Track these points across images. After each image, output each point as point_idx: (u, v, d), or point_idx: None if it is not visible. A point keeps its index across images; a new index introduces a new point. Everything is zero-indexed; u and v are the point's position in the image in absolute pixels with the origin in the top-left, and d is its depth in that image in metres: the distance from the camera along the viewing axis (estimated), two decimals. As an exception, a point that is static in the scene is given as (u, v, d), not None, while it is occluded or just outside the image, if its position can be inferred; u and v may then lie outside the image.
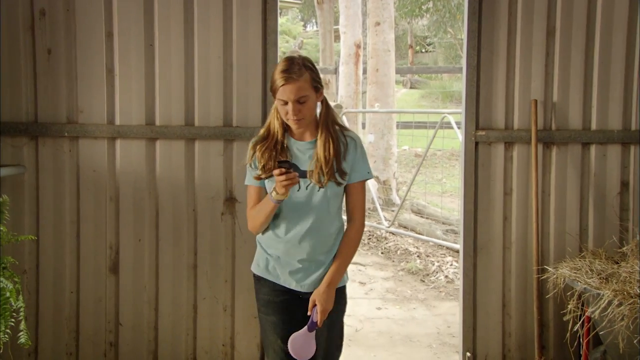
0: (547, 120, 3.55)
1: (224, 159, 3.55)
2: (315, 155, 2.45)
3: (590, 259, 3.23)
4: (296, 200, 2.48)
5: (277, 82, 2.38)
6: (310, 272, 2.52)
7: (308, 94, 2.39)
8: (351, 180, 2.51)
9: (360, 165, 2.51)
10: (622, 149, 3.53)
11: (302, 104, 2.38)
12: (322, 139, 2.45)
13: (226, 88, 3.53)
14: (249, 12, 3.49)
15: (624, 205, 3.54)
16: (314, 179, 2.44)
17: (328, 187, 2.45)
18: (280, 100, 2.39)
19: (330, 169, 2.43)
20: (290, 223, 2.50)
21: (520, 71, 3.53)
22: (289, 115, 2.40)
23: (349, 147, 2.50)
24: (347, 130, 2.56)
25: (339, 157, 2.46)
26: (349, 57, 9.27)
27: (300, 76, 2.37)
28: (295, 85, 2.36)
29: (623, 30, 3.47)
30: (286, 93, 2.36)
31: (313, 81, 2.42)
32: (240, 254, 3.59)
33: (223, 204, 3.57)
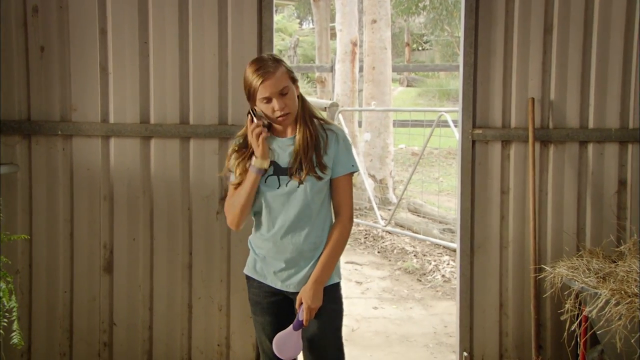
0: (544, 118, 3.56)
1: (219, 157, 3.54)
2: (295, 151, 2.44)
3: (587, 258, 3.24)
4: (277, 197, 2.46)
5: (254, 83, 2.37)
6: (295, 271, 2.50)
7: (288, 85, 2.38)
8: (335, 175, 2.47)
9: (344, 158, 2.48)
10: (620, 147, 3.54)
11: (285, 95, 2.37)
12: (301, 133, 2.44)
13: (221, 86, 3.53)
14: (244, 10, 3.49)
15: (622, 204, 3.55)
16: (292, 174, 2.43)
17: (308, 182, 2.42)
18: (263, 99, 2.37)
19: (309, 163, 2.41)
20: (273, 220, 2.48)
21: (517, 69, 3.53)
22: (276, 110, 2.37)
23: (330, 140, 2.46)
24: (328, 123, 2.54)
25: (319, 151, 2.43)
26: (345, 55, 9.26)
27: (276, 69, 2.37)
28: (274, 79, 2.35)
29: (620, 27, 3.48)
30: (268, 88, 2.35)
31: (289, 72, 2.42)
32: (235, 254, 3.58)
33: (218, 203, 3.56)
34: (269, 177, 2.46)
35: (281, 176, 2.44)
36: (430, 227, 7.37)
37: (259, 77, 2.35)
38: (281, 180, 2.45)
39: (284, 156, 2.46)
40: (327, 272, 2.47)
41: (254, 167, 2.41)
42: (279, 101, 2.36)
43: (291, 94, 2.39)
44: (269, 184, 2.46)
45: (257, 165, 2.41)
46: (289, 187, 2.44)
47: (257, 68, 2.37)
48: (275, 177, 2.45)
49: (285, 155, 2.46)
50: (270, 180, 2.46)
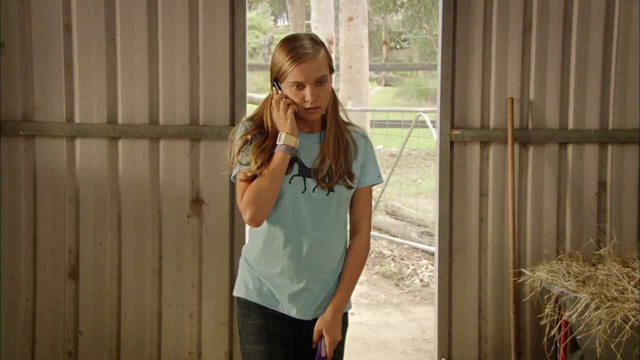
0: (523, 119, 3.59)
1: (190, 159, 3.52)
2: (322, 152, 2.17)
3: (567, 262, 3.27)
4: (302, 204, 2.16)
5: (287, 63, 2.07)
6: (315, 296, 2.21)
7: (326, 73, 2.12)
8: (360, 185, 2.24)
9: (371, 167, 2.26)
10: (600, 148, 3.59)
11: (321, 86, 2.10)
12: (332, 133, 2.18)
13: (192, 85, 3.50)
14: (216, 6, 3.47)
15: (602, 206, 3.60)
16: (320, 180, 2.16)
17: (337, 191, 2.17)
18: (294, 84, 2.08)
19: (340, 169, 2.17)
20: (293, 233, 2.16)
21: (496, 68, 3.56)
22: (307, 100, 2.09)
23: (359, 145, 2.24)
24: (352, 125, 2.30)
25: (348, 156, 2.20)
26: (321, 53, 9.26)
27: (317, 53, 2.09)
28: (314, 63, 2.07)
29: (600, 26, 3.53)
30: (304, 73, 2.06)
31: (329, 59, 2.15)
32: (207, 258, 3.56)
33: (189, 206, 3.54)
34: (294, 178, 2.16)
35: (307, 178, 2.17)
36: (408, 230, 7.40)
37: (294, 58, 2.06)
38: (307, 183, 2.17)
39: (310, 155, 2.19)
40: (347, 297, 2.25)
41: (283, 145, 2.09)
42: (313, 90, 2.09)
43: (327, 85, 2.12)
44: (294, 185, 2.16)
45: (287, 142, 2.10)
46: (317, 194, 2.17)
47: (294, 47, 2.08)
48: (301, 178, 2.17)
49: (311, 154, 2.19)
50: (296, 182, 2.16)
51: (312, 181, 2.16)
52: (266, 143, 2.14)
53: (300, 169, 2.16)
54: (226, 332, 3.59)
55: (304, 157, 2.18)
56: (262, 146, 2.13)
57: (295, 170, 2.15)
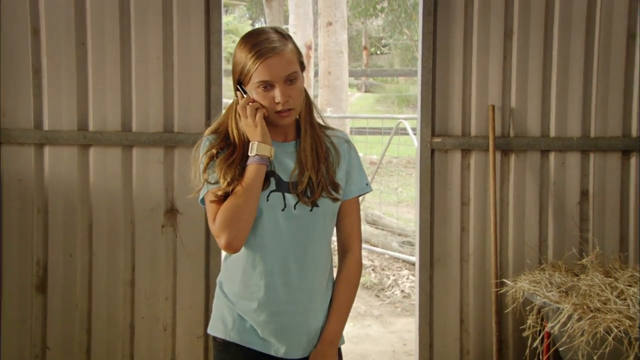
0: (505, 126, 3.62)
1: (164, 167, 3.49)
2: (299, 163, 1.95)
3: (549, 272, 3.29)
4: (281, 224, 1.93)
5: (250, 61, 1.85)
6: (305, 329, 1.98)
7: (297, 70, 1.89)
8: (346, 196, 2.01)
9: (357, 174, 2.04)
10: (582, 156, 3.62)
11: (292, 84, 1.87)
12: (308, 140, 1.96)
13: (166, 91, 3.48)
14: (191, 10, 3.45)
15: (584, 215, 3.63)
16: (301, 194, 1.93)
17: (322, 206, 1.94)
18: (260, 85, 1.86)
19: (322, 179, 1.94)
20: (276, 258, 1.93)
21: (477, 75, 3.59)
22: (277, 102, 1.87)
23: (341, 151, 2.02)
24: (332, 129, 2.08)
25: (329, 164, 1.98)
26: (299, 58, 9.28)
27: (284, 46, 1.87)
28: (282, 58, 1.85)
29: (581, 33, 3.57)
30: (271, 70, 1.84)
31: (299, 54, 1.94)
32: (182, 270, 3.53)
33: (164, 216, 3.51)
34: (272, 194, 1.93)
35: (286, 194, 1.93)
36: (389, 239, 7.41)
37: (258, 54, 1.84)
38: (287, 200, 1.92)
39: (286, 167, 1.96)
40: (341, 327, 2.02)
41: (256, 156, 1.87)
42: (283, 90, 1.86)
43: (299, 83, 1.90)
44: (273, 203, 1.92)
45: (260, 152, 1.87)
46: (299, 210, 1.93)
47: (258, 42, 1.86)
48: (280, 194, 1.93)
49: (288, 165, 1.96)
50: (274, 199, 1.93)
51: (293, 196, 1.92)
52: (234, 156, 1.90)
53: (278, 183, 1.93)
54: (201, 345, 3.56)
55: (280, 169, 1.95)
56: (230, 160, 1.89)
57: (272, 185, 1.92)
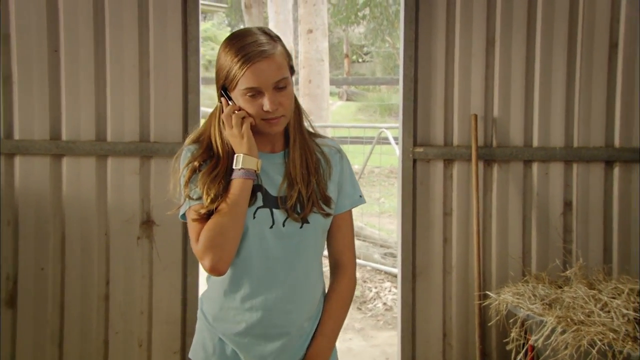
0: (487, 136, 3.65)
1: (140, 177, 3.47)
2: (288, 175, 1.85)
3: (533, 284, 3.31)
4: (268, 244, 1.82)
5: (238, 65, 1.73)
6: (290, 353, 1.87)
7: (287, 75, 1.79)
8: (339, 209, 1.92)
9: (349, 186, 1.95)
10: (565, 167, 3.66)
11: (282, 90, 1.77)
12: (298, 150, 1.86)
13: (142, 100, 3.47)
14: (168, 16, 3.45)
15: (567, 226, 3.66)
16: (291, 210, 1.82)
17: (313, 222, 1.84)
18: (247, 92, 1.75)
19: (312, 193, 1.84)
20: (262, 280, 1.82)
21: (459, 83, 3.61)
22: (266, 110, 1.76)
23: (332, 162, 1.93)
24: (321, 137, 1.99)
25: (321, 176, 1.89)
26: (280, 66, 9.28)
27: (274, 49, 1.76)
28: (272, 62, 1.74)
29: (564, 41, 3.61)
30: (260, 76, 1.73)
31: (289, 57, 1.83)
32: (158, 283, 3.51)
33: (139, 228, 3.49)
34: (259, 210, 1.81)
35: (274, 210, 1.82)
36: (371, 251, 7.41)
37: (245, 58, 1.72)
38: (275, 216, 1.82)
39: (274, 180, 1.85)
40: (331, 347, 1.93)
41: (242, 170, 1.76)
42: (272, 97, 1.75)
43: (289, 90, 1.80)
44: (260, 220, 1.81)
45: (247, 165, 1.76)
46: (288, 228, 1.82)
47: (244, 45, 1.74)
48: (267, 210, 1.82)
49: (276, 179, 1.86)
50: (262, 215, 1.81)
51: (281, 212, 1.81)
52: (218, 169, 1.79)
53: (265, 198, 1.81)
54: (178, 363, 3.53)
55: (268, 183, 1.84)
56: (214, 173, 1.78)
57: (259, 201, 1.81)
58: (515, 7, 3.58)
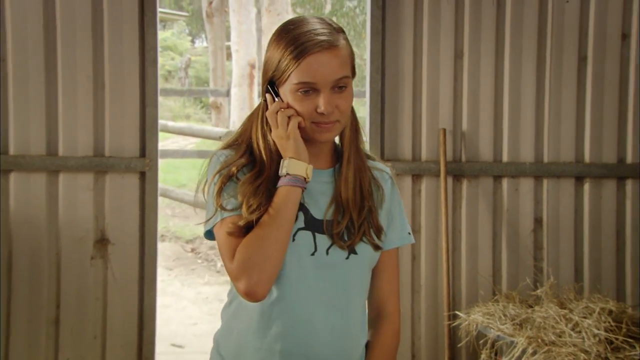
0: (456, 151, 3.68)
1: (94, 194, 3.43)
2: (337, 197, 1.62)
3: (503, 303, 3.33)
4: (308, 273, 1.57)
5: (291, 55, 1.52)
6: None
7: (349, 74, 1.58)
8: (387, 245, 1.69)
9: (399, 219, 1.74)
10: (535, 182, 3.70)
11: (341, 91, 1.55)
12: (352, 169, 1.63)
13: (97, 112, 3.43)
14: (124, 26, 3.42)
15: (538, 243, 3.70)
16: (337, 236, 1.59)
17: (360, 252, 1.61)
18: (302, 86, 1.52)
19: (364, 220, 1.62)
20: (298, 316, 1.58)
21: (427, 97, 3.64)
22: (320, 111, 1.54)
23: (386, 188, 1.72)
24: (372, 157, 1.76)
25: (373, 203, 1.67)
26: (242, 78, 9.28)
27: (336, 40, 1.55)
28: (333, 55, 1.53)
29: (533, 55, 3.66)
30: (317, 69, 1.51)
31: (352, 56, 1.61)
32: (113, 305, 3.45)
33: (93, 247, 3.43)
34: (300, 232, 1.58)
35: (318, 234, 1.59)
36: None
37: (303, 47, 1.51)
38: (318, 242, 1.59)
39: (319, 201, 1.62)
40: None
41: (289, 176, 1.54)
42: (329, 98, 1.53)
43: (349, 93, 1.58)
44: (300, 243, 1.57)
45: (294, 171, 1.54)
46: (332, 256, 1.59)
47: (301, 33, 1.53)
48: (310, 233, 1.59)
49: (321, 200, 1.62)
50: (302, 239, 1.58)
51: (326, 238, 1.59)
52: (262, 177, 1.57)
53: (308, 220, 1.59)
54: (133, 388, 3.47)
55: (311, 204, 1.61)
56: (257, 182, 1.56)
57: (300, 221, 1.58)
58: (483, 19, 3.63)
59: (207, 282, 6.70)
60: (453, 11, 3.63)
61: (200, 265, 7.34)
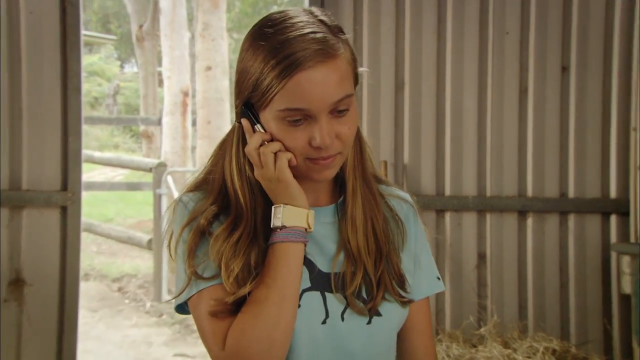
0: (398, 184, 3.71)
1: (9, 231, 3.36)
2: (345, 242, 1.32)
3: (447, 343, 3.37)
4: (321, 347, 1.28)
5: (279, 69, 1.19)
6: None
7: (352, 92, 1.26)
8: (416, 295, 1.37)
9: (426, 261, 1.43)
10: (478, 217, 3.77)
11: (342, 115, 1.24)
12: (358, 205, 1.34)
13: (14, 143, 3.37)
14: (44, 50, 3.38)
15: (482, 280, 3.75)
16: (352, 296, 1.29)
17: (385, 312, 1.31)
18: (290, 113, 1.22)
19: (383, 270, 1.32)
20: None
21: (367, 128, 3.67)
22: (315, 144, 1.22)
23: (407, 223, 1.42)
24: (387, 183, 1.48)
25: (392, 245, 1.36)
26: (174, 106, 9.21)
27: (336, 48, 1.23)
28: (332, 69, 1.21)
29: (474, 87, 3.74)
30: (313, 91, 1.20)
31: (354, 63, 1.28)
32: (27, 351, 3.37)
33: (7, 288, 3.35)
34: (306, 295, 1.28)
35: (327, 294, 1.29)
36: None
37: (289, 62, 1.19)
38: (330, 304, 1.29)
39: (324, 248, 1.33)
40: None
41: (286, 230, 1.24)
42: (327, 125, 1.22)
43: (352, 114, 1.26)
44: (307, 309, 1.27)
45: (291, 221, 1.25)
46: (349, 323, 1.29)
47: (288, 38, 1.20)
48: (317, 294, 1.29)
49: (327, 246, 1.33)
50: (309, 303, 1.28)
51: (338, 299, 1.29)
52: (241, 229, 1.27)
53: (314, 276, 1.30)
54: None
55: (315, 252, 1.32)
56: (234, 236, 1.26)
57: (304, 280, 1.28)
58: (424, 49, 3.71)
59: (135, 324, 6.57)
60: (393, 41, 3.70)
61: (127, 305, 7.19)
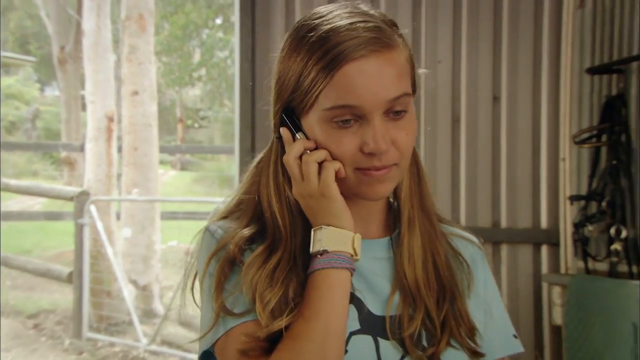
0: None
1: None
2: (402, 278, 1.20)
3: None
4: None
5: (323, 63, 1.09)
6: None
7: (411, 91, 1.15)
8: (490, 354, 1.24)
9: (500, 315, 1.30)
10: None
11: (399, 117, 1.13)
12: (416, 236, 1.22)
13: None
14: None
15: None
16: (410, 340, 1.16)
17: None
18: (338, 112, 1.10)
19: (447, 312, 1.19)
20: None
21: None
22: (368, 150, 1.11)
23: (474, 266, 1.30)
24: (448, 222, 1.37)
25: (459, 287, 1.24)
26: (98, 131, 9.13)
27: (391, 39, 1.12)
28: (387, 61, 1.10)
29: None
30: (365, 85, 1.08)
31: (412, 62, 1.17)
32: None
33: None
34: (354, 338, 1.15)
35: (380, 340, 1.16)
36: (204, 344, 7.33)
37: (336, 52, 1.08)
38: (383, 351, 1.15)
39: (376, 287, 1.21)
40: None
41: (328, 256, 1.12)
42: (382, 127, 1.11)
43: (410, 118, 1.15)
44: (356, 353, 1.14)
45: (337, 246, 1.13)
46: None
47: (335, 29, 1.09)
48: (369, 338, 1.16)
49: (379, 284, 1.21)
50: (359, 347, 1.15)
51: (394, 346, 1.16)
52: (278, 256, 1.15)
53: (364, 318, 1.17)
54: None
55: (366, 291, 1.19)
56: (269, 264, 1.14)
57: (352, 321, 1.16)
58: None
59: (52, 364, 6.46)
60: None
61: (44, 343, 7.07)
